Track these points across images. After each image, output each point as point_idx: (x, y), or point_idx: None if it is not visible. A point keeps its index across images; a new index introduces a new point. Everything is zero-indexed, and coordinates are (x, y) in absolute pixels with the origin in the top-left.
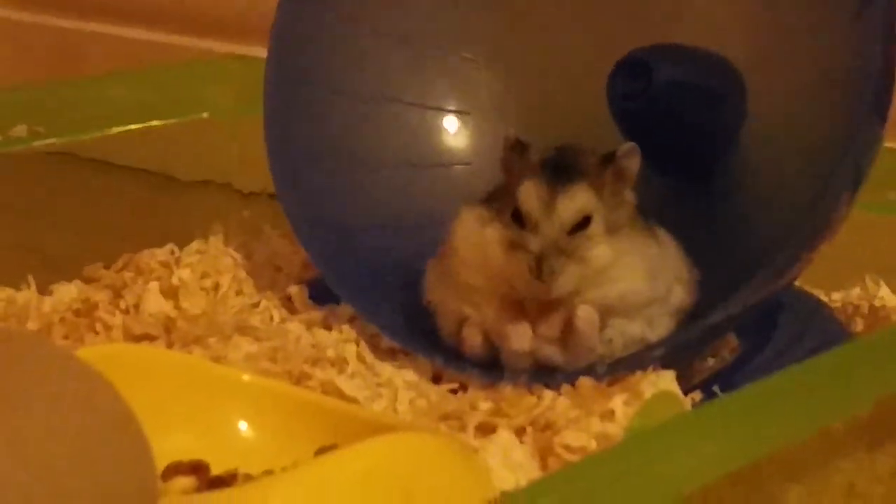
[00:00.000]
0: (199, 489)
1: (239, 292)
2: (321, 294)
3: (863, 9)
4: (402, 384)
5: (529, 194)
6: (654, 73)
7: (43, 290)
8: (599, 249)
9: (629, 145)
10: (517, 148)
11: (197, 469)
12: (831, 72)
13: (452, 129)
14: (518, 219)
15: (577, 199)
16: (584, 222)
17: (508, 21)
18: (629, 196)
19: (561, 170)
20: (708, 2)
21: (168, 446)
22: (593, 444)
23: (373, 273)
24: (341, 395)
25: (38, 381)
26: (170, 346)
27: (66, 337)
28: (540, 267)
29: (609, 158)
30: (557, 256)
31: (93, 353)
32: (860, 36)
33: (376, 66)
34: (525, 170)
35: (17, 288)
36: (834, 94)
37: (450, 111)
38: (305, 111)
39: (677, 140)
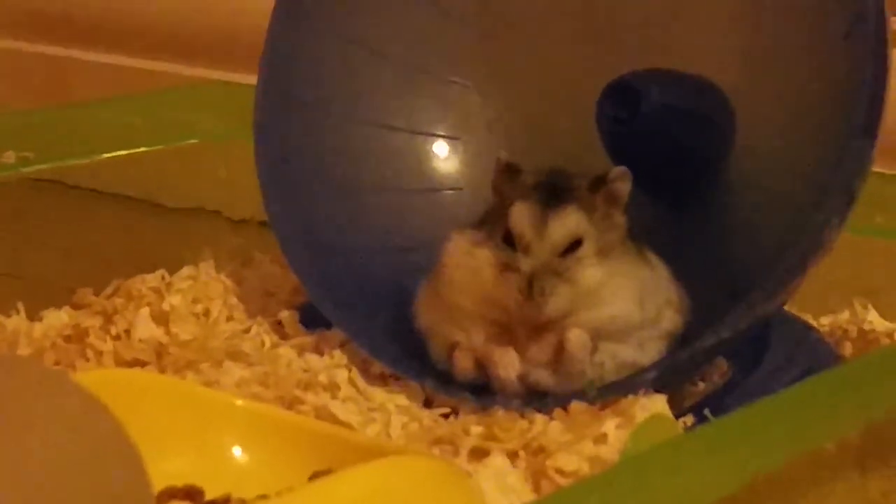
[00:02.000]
0: None
1: (230, 318)
2: (312, 319)
3: (852, 32)
4: (395, 409)
5: (521, 216)
6: (643, 97)
7: (32, 317)
8: (590, 271)
9: (620, 169)
10: (509, 171)
11: (191, 494)
12: (821, 94)
13: (443, 154)
14: (509, 241)
15: (568, 221)
16: (575, 244)
17: (499, 46)
18: (620, 219)
19: (552, 192)
20: (697, 27)
21: (162, 471)
22: (586, 468)
23: (364, 297)
24: (334, 420)
25: (35, 403)
26: (161, 371)
27: (56, 363)
28: (531, 288)
29: (600, 181)
30: (549, 278)
31: (86, 378)
32: (850, 59)
33: (368, 90)
34: (516, 192)
35: (7, 314)
36: (824, 116)
37: (440, 136)
38: (296, 134)
39: (666, 164)
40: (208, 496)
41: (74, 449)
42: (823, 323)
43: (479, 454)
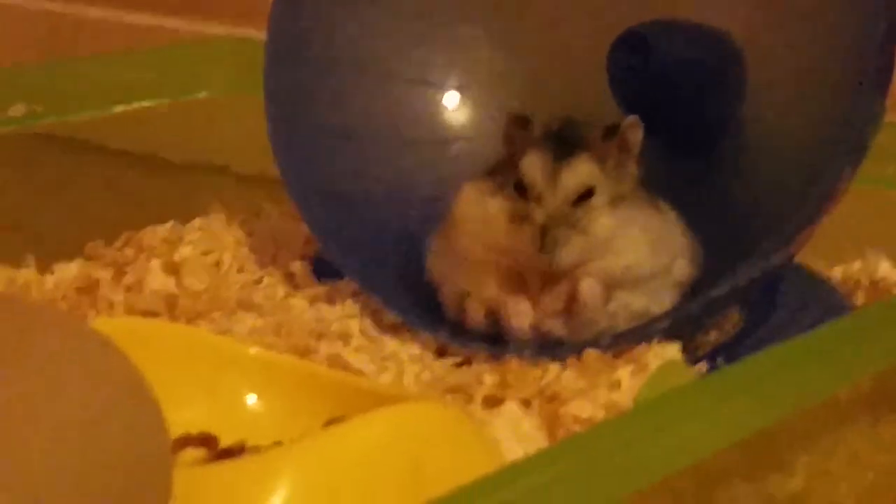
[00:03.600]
0: (208, 461)
1: (241, 269)
2: (323, 270)
3: None
4: (407, 358)
5: (533, 166)
6: (654, 47)
7: (43, 270)
8: (603, 221)
9: (632, 118)
10: (520, 122)
11: (206, 441)
12: (834, 46)
13: (453, 105)
14: (521, 190)
15: (580, 171)
16: (587, 194)
17: None
18: (633, 169)
19: (564, 142)
20: None
21: (177, 419)
22: (601, 414)
23: (375, 248)
24: (347, 369)
25: (54, 348)
26: (173, 321)
27: None
28: (544, 238)
29: (612, 131)
30: (561, 228)
31: (100, 326)
32: (862, 10)
33: (377, 41)
34: (528, 143)
35: (18, 268)
36: (836, 69)
37: (451, 87)
38: (305, 87)
39: (678, 115)
40: (223, 443)
41: (93, 394)
42: (835, 273)
43: (492, 402)
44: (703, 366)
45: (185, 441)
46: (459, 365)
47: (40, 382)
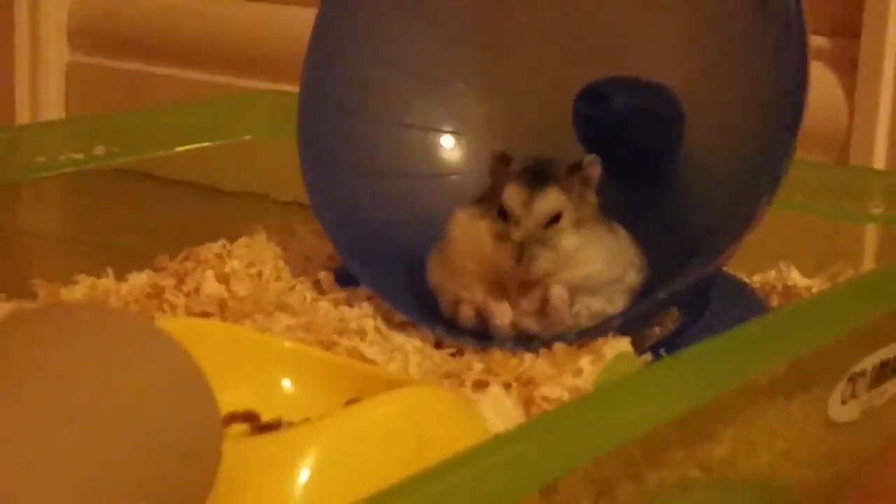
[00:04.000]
0: (251, 433)
1: (278, 278)
2: (344, 279)
3: (780, 45)
4: (412, 350)
5: (512, 195)
6: (610, 100)
7: (119, 279)
8: (569, 239)
9: (592, 157)
10: (502, 159)
11: (249, 418)
12: (755, 97)
13: (448, 146)
14: (503, 215)
15: (550, 199)
16: (556, 217)
17: (495, 60)
18: (592, 197)
19: (537, 176)
20: (655, 44)
21: (225, 400)
22: (566, 396)
23: (385, 261)
24: (364, 359)
25: (126, 343)
26: (223, 321)
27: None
28: (521, 253)
29: (576, 167)
30: (535, 245)
31: (165, 325)
32: (779, 67)
33: (388, 94)
34: (508, 176)
35: (99, 277)
36: (757, 116)
37: (447, 131)
38: (330, 132)
39: (629, 154)
40: (263, 419)
41: (158, 379)
42: (755, 280)
43: (480, 385)
44: (648, 356)
45: (232, 418)
46: (453, 355)
47: (117, 371)
